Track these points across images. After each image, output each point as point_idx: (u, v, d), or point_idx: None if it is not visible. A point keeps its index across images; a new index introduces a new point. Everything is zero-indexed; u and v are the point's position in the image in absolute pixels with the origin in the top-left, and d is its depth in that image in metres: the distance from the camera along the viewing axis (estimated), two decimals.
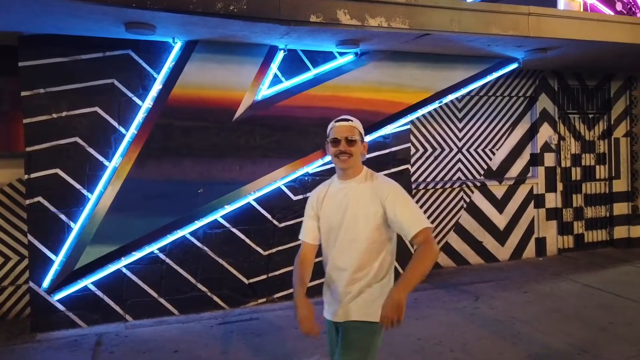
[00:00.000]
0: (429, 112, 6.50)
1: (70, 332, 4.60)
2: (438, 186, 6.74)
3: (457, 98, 6.58)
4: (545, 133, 7.34)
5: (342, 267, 2.32)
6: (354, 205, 2.28)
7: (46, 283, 4.59)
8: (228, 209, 5.17)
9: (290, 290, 5.46)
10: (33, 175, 4.58)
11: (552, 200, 7.39)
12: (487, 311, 4.99)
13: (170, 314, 5.01)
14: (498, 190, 7.09)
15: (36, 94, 4.58)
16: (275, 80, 5.41)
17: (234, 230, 5.25)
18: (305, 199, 5.53)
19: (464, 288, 5.80)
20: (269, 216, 5.39)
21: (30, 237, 4.58)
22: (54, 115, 4.64)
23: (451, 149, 6.94)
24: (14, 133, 5.06)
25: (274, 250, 5.42)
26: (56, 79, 4.64)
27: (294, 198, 5.49)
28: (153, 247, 4.92)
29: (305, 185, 5.52)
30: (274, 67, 5.38)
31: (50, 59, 4.62)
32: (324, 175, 5.61)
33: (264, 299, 5.38)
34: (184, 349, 4.17)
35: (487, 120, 7.15)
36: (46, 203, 4.60)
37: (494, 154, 7.22)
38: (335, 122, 2.36)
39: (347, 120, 2.34)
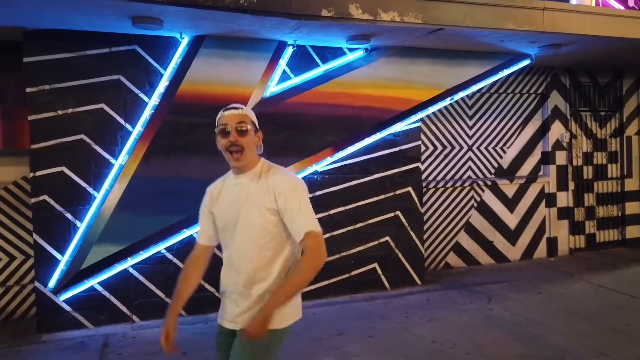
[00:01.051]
0: (440, 110, 6.39)
1: (77, 333, 4.51)
2: (448, 185, 6.63)
3: (467, 95, 6.46)
4: (557, 131, 7.22)
5: (238, 269, 2.09)
6: (248, 201, 2.07)
7: (52, 283, 4.50)
8: None
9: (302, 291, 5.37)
10: (38, 173, 4.49)
11: (564, 199, 7.27)
12: (501, 312, 4.89)
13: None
14: (509, 189, 6.97)
15: (41, 90, 4.49)
16: (284, 77, 5.31)
17: None
18: (313, 198, 5.47)
19: (475, 289, 5.69)
20: None
21: (35, 236, 4.49)
22: (60, 112, 4.54)
23: (462, 147, 6.83)
24: (18, 130, 4.97)
25: None
26: (61, 74, 4.54)
27: None
28: (160, 247, 4.82)
29: (315, 183, 5.42)
30: (282, 63, 5.27)
31: (56, 54, 4.53)
32: (334, 173, 5.51)
33: None
34: (192, 351, 4.07)
35: (497, 117, 7.03)
36: (52, 201, 4.50)
37: (504, 152, 7.10)
38: (224, 110, 2.12)
39: (237, 108, 2.11)
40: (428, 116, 6.41)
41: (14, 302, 4.99)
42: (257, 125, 2.15)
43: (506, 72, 6.21)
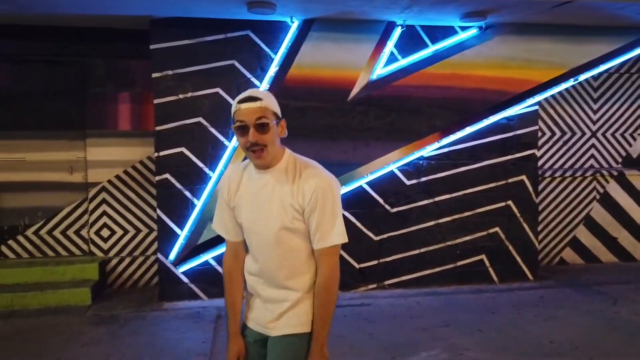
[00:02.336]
0: (560, 92, 5.86)
1: (193, 303, 4.84)
2: (567, 174, 6.08)
3: (593, 76, 5.84)
4: None
5: (269, 275, 1.83)
6: (276, 202, 1.77)
7: (172, 255, 4.86)
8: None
9: (402, 278, 5.28)
10: (162, 153, 4.83)
11: None
12: (630, 317, 4.39)
13: None
14: (638, 180, 6.23)
15: (165, 76, 4.80)
16: (392, 59, 5.17)
17: (346, 213, 5.15)
18: (419, 184, 5.33)
19: (597, 289, 5.18)
20: (380, 200, 5.21)
21: (159, 212, 4.86)
22: (181, 96, 4.83)
23: (584, 133, 6.21)
24: (144, 113, 5.39)
25: (385, 235, 5.24)
26: (183, 60, 4.82)
27: (408, 183, 5.24)
28: None
29: (420, 169, 5.25)
30: (390, 45, 5.13)
31: (178, 41, 4.81)
32: (441, 159, 5.30)
33: (374, 285, 5.24)
34: None
35: (627, 101, 6.30)
36: (173, 180, 4.83)
37: (634, 139, 6.34)
38: (239, 102, 1.72)
39: (255, 99, 1.71)
40: (546, 99, 5.90)
41: (138, 271, 5.47)
42: (279, 113, 1.79)
43: None
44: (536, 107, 5.46)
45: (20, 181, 5.26)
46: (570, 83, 5.53)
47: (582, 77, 5.55)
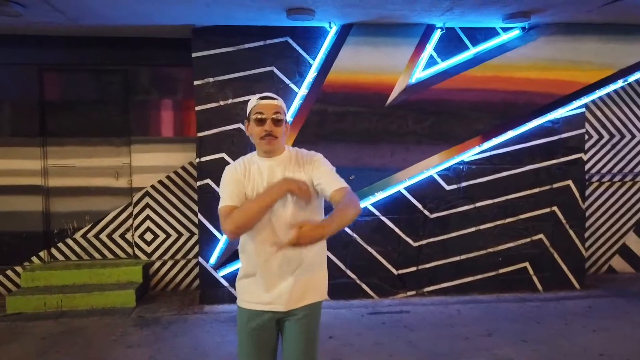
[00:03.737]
0: (608, 94, 5.63)
1: (232, 307, 4.89)
2: (616, 179, 5.82)
3: None
4: None
5: (289, 249, 1.96)
6: (292, 177, 2.08)
7: (213, 259, 4.94)
8: (378, 196, 5.04)
9: (442, 285, 5.18)
10: (203, 159, 4.93)
11: None
12: None
13: None
14: None
15: (206, 83, 4.90)
16: (431, 62, 5.10)
17: (384, 218, 5.11)
18: (459, 189, 5.21)
19: None
20: (419, 206, 5.14)
21: (200, 216, 4.95)
22: (221, 103, 4.92)
23: (634, 136, 5.93)
24: (186, 120, 5.52)
25: (424, 242, 5.16)
26: (223, 68, 4.91)
27: (447, 188, 5.15)
28: None
29: (460, 174, 5.15)
30: (429, 48, 5.06)
31: (218, 49, 4.90)
32: (482, 163, 5.18)
33: (414, 292, 5.17)
34: (338, 336, 4.16)
35: None
36: (213, 185, 4.92)
37: None
38: (260, 98, 2.11)
39: (273, 97, 2.12)
40: (593, 101, 5.67)
41: (180, 274, 5.60)
42: (287, 115, 2.21)
43: None
44: (583, 110, 5.26)
45: (69, 186, 5.47)
46: (619, 84, 5.31)
47: (631, 78, 5.31)
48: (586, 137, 5.65)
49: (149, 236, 5.55)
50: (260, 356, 2.12)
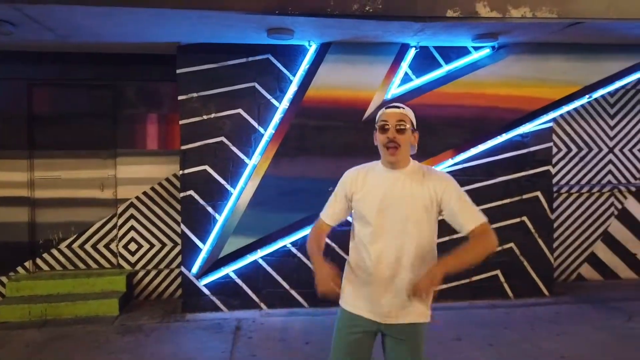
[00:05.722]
0: (575, 109, 5.92)
1: (214, 315, 5.04)
2: (584, 190, 6.10)
3: (609, 92, 5.88)
4: None
5: (399, 262, 2.12)
6: (407, 197, 2.13)
7: (195, 269, 5.09)
8: None
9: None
10: (186, 171, 5.10)
11: None
12: None
13: (300, 306, 5.23)
14: None
15: (190, 98, 5.09)
16: (406, 79, 5.35)
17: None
18: None
19: (614, 305, 5.17)
20: None
21: (183, 227, 5.11)
22: (204, 117, 5.11)
23: (600, 149, 6.23)
24: (170, 133, 5.70)
25: None
26: (207, 83, 5.10)
27: None
28: (286, 241, 5.18)
29: None
30: (404, 66, 5.31)
31: (202, 65, 5.10)
32: (456, 174, 5.37)
33: None
34: (314, 342, 4.32)
35: None
36: (196, 196, 5.09)
37: None
38: (386, 108, 2.21)
39: (399, 107, 2.20)
40: (562, 116, 5.97)
41: (163, 283, 5.72)
42: (415, 125, 2.21)
43: None
44: (550, 124, 5.54)
45: (55, 197, 5.60)
46: (584, 100, 5.60)
47: (596, 95, 5.61)
48: (555, 150, 5.93)
49: (133, 246, 5.68)
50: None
